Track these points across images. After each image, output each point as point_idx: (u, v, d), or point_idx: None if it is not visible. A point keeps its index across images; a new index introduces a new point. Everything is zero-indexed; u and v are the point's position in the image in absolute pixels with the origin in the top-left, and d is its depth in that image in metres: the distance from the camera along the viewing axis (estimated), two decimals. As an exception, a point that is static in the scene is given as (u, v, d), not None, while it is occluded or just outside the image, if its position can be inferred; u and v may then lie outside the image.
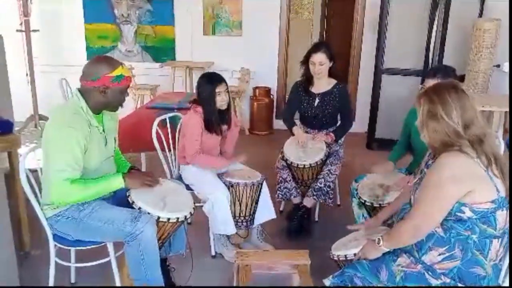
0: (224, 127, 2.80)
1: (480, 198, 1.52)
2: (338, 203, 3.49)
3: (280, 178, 3.07)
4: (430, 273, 1.61)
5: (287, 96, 4.08)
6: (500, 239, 1.57)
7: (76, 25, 5.71)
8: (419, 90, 2.28)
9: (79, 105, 2.01)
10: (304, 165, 2.95)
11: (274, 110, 5.73)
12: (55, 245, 2.12)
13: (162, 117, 2.92)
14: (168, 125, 2.96)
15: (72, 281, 2.46)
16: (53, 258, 2.15)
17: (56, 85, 4.19)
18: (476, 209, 1.52)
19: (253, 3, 5.48)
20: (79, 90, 2.04)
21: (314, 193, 3.00)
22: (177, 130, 2.95)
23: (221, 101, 2.68)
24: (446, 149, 1.57)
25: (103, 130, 2.12)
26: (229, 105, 2.76)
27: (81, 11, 5.67)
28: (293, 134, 3.24)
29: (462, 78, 4.14)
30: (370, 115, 5.05)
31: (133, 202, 2.07)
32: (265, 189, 2.82)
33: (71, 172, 1.92)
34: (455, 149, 1.54)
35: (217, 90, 2.64)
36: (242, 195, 2.69)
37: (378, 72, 4.87)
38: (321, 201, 3.05)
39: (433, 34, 4.52)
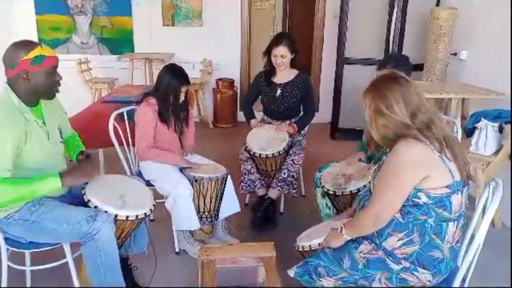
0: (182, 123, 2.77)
1: (435, 184, 1.54)
2: (303, 193, 3.50)
3: (244, 170, 3.04)
4: (391, 258, 1.63)
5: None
6: (456, 222, 1.60)
7: (26, 16, 5.44)
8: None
9: (10, 99, 1.87)
10: (267, 155, 2.93)
11: (238, 102, 5.65)
12: (8, 249, 2.00)
13: (120, 110, 2.81)
14: (126, 119, 2.85)
15: (28, 285, 2.34)
16: (5, 263, 2.03)
17: (3, 80, 3.96)
18: (431, 194, 1.54)
19: (213, -8, 5.39)
20: (8, 83, 1.89)
21: (278, 184, 2.99)
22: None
23: (181, 99, 2.69)
24: (400, 138, 1.58)
25: (44, 123, 1.98)
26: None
27: (32, 1, 5.40)
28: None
29: (421, 67, 4.22)
30: (333, 105, 5.09)
31: (88, 200, 1.96)
32: (229, 183, 2.78)
33: (0, 172, 1.78)
34: (410, 137, 1.55)
35: (183, 89, 2.64)
36: (207, 190, 2.63)
37: (340, 62, 4.91)
38: (286, 192, 3.05)
39: (393, 23, 4.60)
